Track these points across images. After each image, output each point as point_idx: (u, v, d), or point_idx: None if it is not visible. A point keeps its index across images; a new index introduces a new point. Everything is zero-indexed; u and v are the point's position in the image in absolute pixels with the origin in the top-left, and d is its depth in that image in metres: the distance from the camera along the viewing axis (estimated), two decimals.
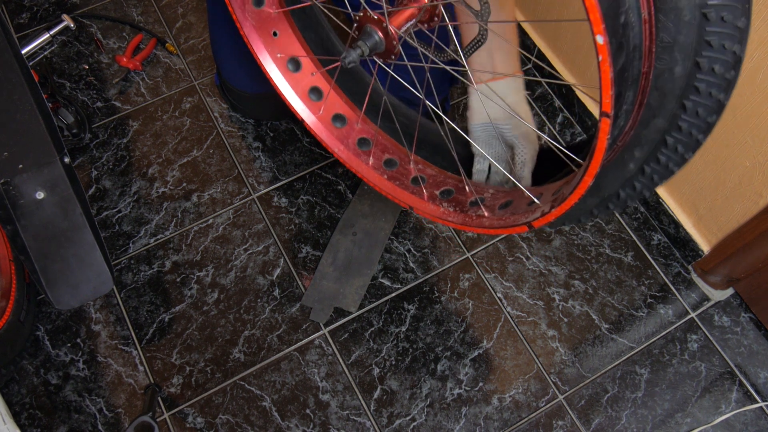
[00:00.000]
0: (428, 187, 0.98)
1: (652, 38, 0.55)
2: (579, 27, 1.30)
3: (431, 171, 1.00)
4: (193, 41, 1.58)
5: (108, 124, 1.46)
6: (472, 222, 0.91)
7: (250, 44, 0.98)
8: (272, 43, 0.99)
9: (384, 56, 0.75)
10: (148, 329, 1.24)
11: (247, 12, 0.96)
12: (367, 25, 0.73)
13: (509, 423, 1.16)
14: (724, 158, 1.09)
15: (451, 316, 1.25)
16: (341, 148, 1.03)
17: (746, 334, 1.23)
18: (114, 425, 1.17)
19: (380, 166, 1.02)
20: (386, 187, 1.01)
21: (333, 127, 1.03)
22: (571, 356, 1.22)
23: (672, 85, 0.57)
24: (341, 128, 1.03)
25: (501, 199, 0.90)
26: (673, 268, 1.30)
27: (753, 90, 0.95)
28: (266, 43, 0.99)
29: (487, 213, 0.90)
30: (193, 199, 1.37)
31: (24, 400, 1.18)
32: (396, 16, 0.72)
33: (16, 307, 1.13)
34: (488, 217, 0.89)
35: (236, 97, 1.40)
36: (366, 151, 1.02)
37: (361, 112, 1.01)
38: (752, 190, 1.06)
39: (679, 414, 1.16)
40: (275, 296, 1.27)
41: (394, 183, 1.00)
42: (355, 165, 1.02)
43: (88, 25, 1.60)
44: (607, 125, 0.55)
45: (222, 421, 1.17)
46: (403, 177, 1.01)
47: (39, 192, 0.92)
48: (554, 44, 1.43)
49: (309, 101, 1.02)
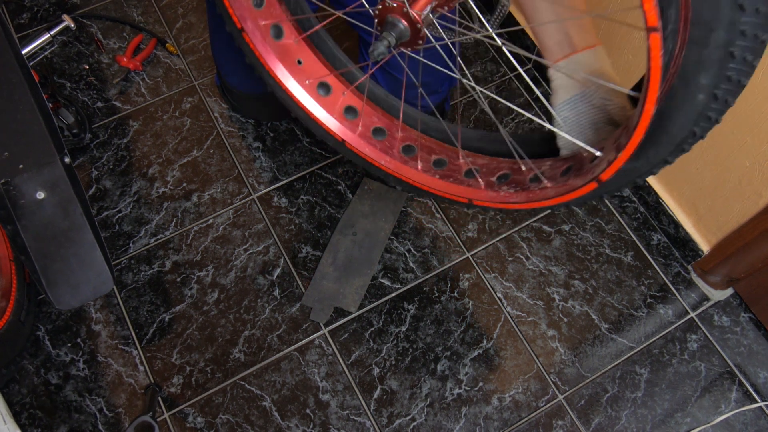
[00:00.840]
0: (483, 176, 0.96)
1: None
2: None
3: (482, 161, 0.98)
4: (193, 41, 1.58)
5: (108, 124, 1.46)
6: (537, 197, 0.88)
7: (277, 76, 0.98)
8: (299, 72, 0.99)
9: (411, 44, 0.73)
10: (148, 329, 1.25)
11: (269, 45, 0.96)
12: (388, 16, 0.71)
13: (509, 423, 1.16)
14: (724, 158, 1.09)
15: (451, 316, 1.25)
16: (387, 159, 1.02)
17: (746, 334, 1.23)
18: (114, 425, 1.17)
19: (430, 167, 1.00)
20: (441, 187, 0.99)
21: (374, 140, 1.02)
22: (571, 356, 1.22)
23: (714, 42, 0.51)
24: (383, 140, 1.02)
25: (560, 167, 0.86)
26: (672, 268, 1.30)
27: (753, 90, 0.95)
28: (293, 73, 0.99)
29: (550, 184, 0.86)
30: (193, 199, 1.38)
31: (24, 399, 1.18)
32: (415, 2, 0.70)
33: (17, 307, 1.13)
34: (552, 186, 0.85)
35: (236, 98, 1.40)
36: (412, 157, 1.01)
37: (398, 120, 1.00)
38: (752, 190, 1.06)
39: (679, 414, 1.16)
40: (275, 296, 1.28)
41: (448, 180, 0.99)
42: (405, 172, 1.01)
43: (88, 26, 1.60)
44: (658, 39, 0.51)
45: (222, 421, 1.17)
46: (456, 173, 0.99)
47: (39, 192, 0.92)
48: None
49: (346, 121, 1.02)
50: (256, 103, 1.39)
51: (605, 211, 1.36)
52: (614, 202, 1.37)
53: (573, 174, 0.84)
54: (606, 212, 1.36)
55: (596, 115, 0.83)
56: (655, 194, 1.30)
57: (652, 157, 0.68)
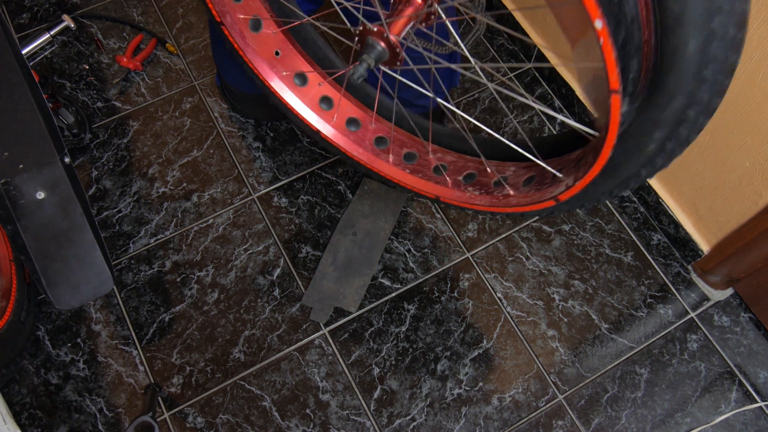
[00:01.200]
0: (450, 174, 0.98)
1: (648, 8, 0.54)
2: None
3: (451, 158, 0.99)
4: (193, 41, 1.58)
5: (108, 124, 1.46)
6: (500, 202, 0.91)
7: (256, 69, 0.99)
8: (276, 63, 1.00)
9: (389, 63, 0.76)
10: (148, 329, 1.25)
11: (248, 39, 0.97)
12: (368, 38, 0.73)
13: (509, 423, 1.16)
14: (724, 158, 1.09)
15: (451, 316, 1.25)
16: (360, 151, 1.03)
17: (746, 334, 1.23)
18: (114, 425, 1.17)
19: (401, 161, 1.02)
20: (410, 181, 1.01)
21: (348, 131, 1.03)
22: (571, 356, 1.22)
23: (688, 61, 0.56)
24: (356, 131, 1.03)
25: (523, 175, 0.90)
26: (672, 268, 1.30)
27: (753, 90, 0.95)
28: (270, 65, 0.99)
29: (513, 191, 0.89)
30: (193, 199, 1.38)
31: (24, 399, 1.18)
32: (394, 24, 0.72)
33: (17, 307, 1.13)
34: (514, 195, 0.89)
35: (236, 98, 1.40)
36: (384, 150, 1.03)
37: (373, 112, 1.01)
38: (752, 190, 1.06)
39: (679, 414, 1.16)
40: (275, 296, 1.28)
41: (417, 176, 1.00)
42: (377, 165, 1.03)
43: (88, 26, 1.60)
44: (618, 101, 0.57)
45: (222, 421, 1.17)
46: (425, 168, 1.01)
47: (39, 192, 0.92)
48: (556, 46, 1.43)
49: (321, 111, 1.03)
50: (256, 103, 1.39)
51: (605, 211, 1.36)
52: (614, 202, 1.37)
53: (535, 186, 0.88)
54: (606, 212, 1.36)
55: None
56: (655, 194, 1.30)
57: (602, 188, 0.76)
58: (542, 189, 0.86)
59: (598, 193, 0.78)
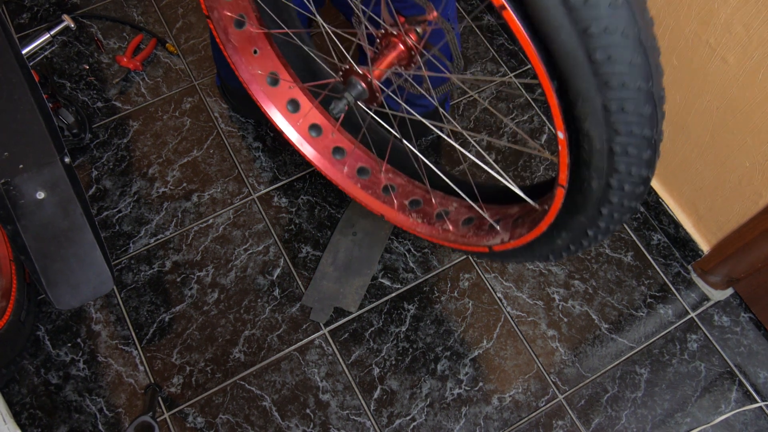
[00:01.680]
0: (398, 196, 1.02)
1: (565, 154, 0.62)
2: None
3: (400, 180, 1.03)
4: (193, 41, 1.58)
5: (108, 124, 1.46)
6: (439, 235, 0.96)
7: (233, 65, 1.02)
8: (252, 61, 1.03)
9: (368, 102, 0.81)
10: (148, 329, 1.25)
11: (230, 35, 1.00)
12: (351, 77, 0.78)
13: (509, 423, 1.16)
14: (724, 158, 1.09)
15: (451, 316, 1.25)
16: (317, 157, 1.06)
17: (746, 334, 1.23)
18: (114, 425, 1.17)
19: (354, 174, 1.05)
20: (360, 196, 1.04)
21: (309, 136, 1.07)
22: (571, 356, 1.22)
23: (590, 193, 0.64)
24: (317, 138, 1.06)
25: (464, 214, 0.94)
26: (672, 268, 1.30)
27: (753, 90, 0.95)
28: (247, 61, 1.03)
29: (452, 227, 0.94)
30: (193, 199, 1.38)
31: (24, 399, 1.18)
32: (378, 67, 0.77)
33: (17, 307, 1.13)
34: (453, 231, 0.94)
35: (237, 98, 1.40)
36: (341, 160, 1.06)
37: (336, 123, 1.04)
38: (752, 190, 1.06)
39: (679, 414, 1.16)
40: (275, 296, 1.28)
41: (367, 192, 1.04)
42: (331, 173, 1.06)
43: (88, 26, 1.60)
44: (562, 194, 0.67)
45: (222, 421, 1.17)
46: (375, 186, 1.04)
47: (39, 192, 0.92)
48: None
49: (287, 113, 1.06)
50: (256, 103, 1.39)
51: None
52: None
53: (473, 229, 0.92)
54: None
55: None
56: (655, 194, 1.30)
57: (532, 253, 0.83)
58: (479, 234, 0.90)
59: (531, 256, 0.84)
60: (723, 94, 1.02)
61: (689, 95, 1.09)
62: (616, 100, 0.53)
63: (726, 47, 0.96)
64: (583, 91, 0.53)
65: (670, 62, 1.09)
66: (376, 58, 0.77)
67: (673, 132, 1.17)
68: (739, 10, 0.91)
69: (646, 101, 0.53)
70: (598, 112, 0.54)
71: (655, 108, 0.55)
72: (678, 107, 1.13)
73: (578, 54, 0.50)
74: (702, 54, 1.02)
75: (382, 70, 0.76)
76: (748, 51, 0.93)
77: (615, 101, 0.53)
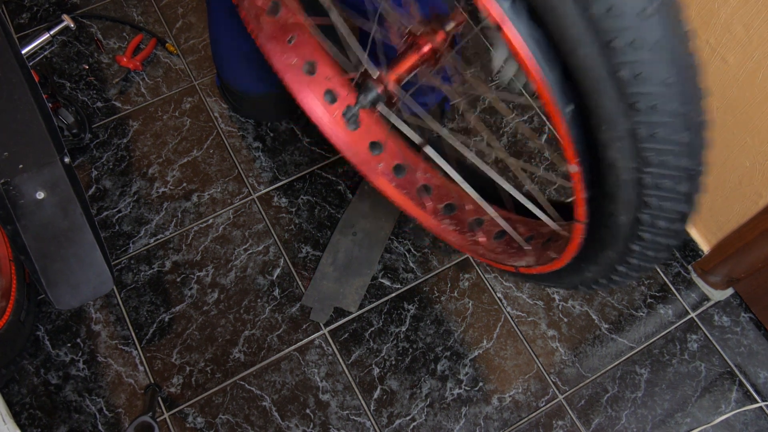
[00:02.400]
0: (433, 199, 0.96)
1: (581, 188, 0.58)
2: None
3: (437, 182, 0.97)
4: (193, 41, 1.58)
5: (108, 124, 1.46)
6: (467, 245, 0.92)
7: (267, 54, 0.97)
8: (287, 50, 0.98)
9: (386, 104, 0.78)
10: (148, 329, 1.25)
11: (263, 23, 0.95)
12: (368, 82, 0.75)
13: (509, 423, 1.16)
14: (724, 158, 1.09)
15: (451, 316, 1.25)
16: (354, 153, 1.01)
17: (746, 334, 1.23)
18: (114, 425, 1.17)
19: (390, 171, 1.00)
20: (394, 195, 0.99)
21: (348, 128, 1.02)
22: (571, 356, 1.22)
23: (617, 228, 0.59)
24: (354, 131, 1.02)
25: (495, 229, 0.90)
26: (673, 268, 1.30)
27: (753, 90, 0.95)
28: (282, 50, 0.98)
29: (484, 238, 0.89)
30: (193, 199, 1.38)
31: (24, 400, 1.18)
32: (395, 72, 0.73)
33: (17, 307, 1.13)
34: (484, 244, 0.90)
35: (236, 98, 1.40)
36: (377, 156, 1.01)
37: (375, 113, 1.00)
38: (752, 190, 1.06)
39: (679, 414, 1.16)
40: (275, 296, 1.28)
41: (402, 191, 0.99)
42: (365, 169, 1.01)
43: (88, 25, 1.60)
44: (580, 229, 0.63)
45: (222, 421, 1.17)
46: (411, 186, 0.99)
47: (39, 192, 0.92)
48: None
49: (325, 103, 1.02)
50: (256, 103, 1.39)
51: None
52: None
53: (504, 244, 0.88)
54: None
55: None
56: None
57: (560, 281, 0.80)
58: (509, 251, 0.86)
59: (559, 283, 0.81)
60: (723, 94, 1.02)
61: None
62: (646, 125, 0.46)
63: (726, 47, 0.96)
64: (607, 114, 0.46)
65: None
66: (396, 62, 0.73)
67: None
68: (739, 10, 0.91)
69: (683, 127, 0.47)
70: (625, 139, 0.48)
71: (696, 135, 0.49)
72: None
73: (601, 71, 0.44)
74: (702, 54, 1.02)
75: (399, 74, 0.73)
76: (748, 51, 0.93)
77: (645, 126, 0.46)
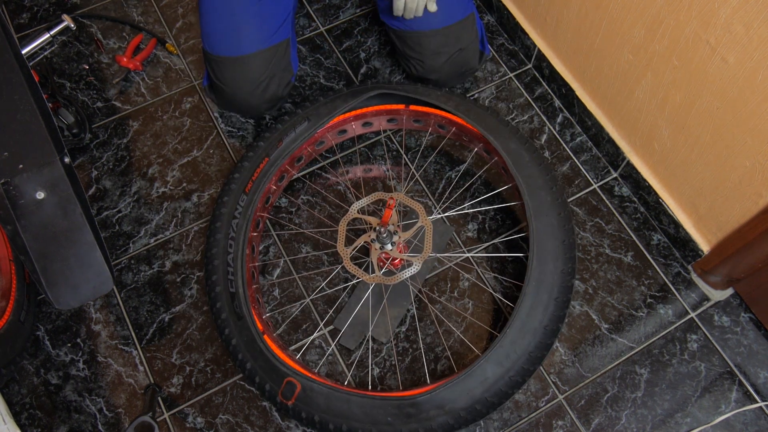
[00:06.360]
0: None
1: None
2: (578, 27, 1.30)
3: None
4: (193, 41, 1.58)
5: (108, 124, 1.46)
6: None
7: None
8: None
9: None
10: (148, 329, 1.25)
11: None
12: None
13: (509, 423, 1.16)
14: (724, 158, 1.09)
15: (451, 316, 1.25)
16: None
17: (746, 334, 1.23)
18: (114, 425, 1.17)
19: None
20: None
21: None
22: (571, 356, 1.22)
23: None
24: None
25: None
26: (673, 268, 1.30)
27: (753, 90, 0.95)
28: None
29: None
30: (193, 199, 1.38)
31: (24, 400, 1.18)
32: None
33: (17, 307, 1.13)
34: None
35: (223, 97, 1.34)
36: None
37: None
38: (752, 190, 1.06)
39: (679, 414, 1.16)
40: (275, 296, 1.28)
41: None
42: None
43: (88, 25, 1.60)
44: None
45: (222, 421, 1.17)
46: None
47: (39, 192, 0.92)
48: (554, 44, 1.43)
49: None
50: (236, 70, 1.29)
51: (605, 211, 1.36)
52: (614, 202, 1.37)
53: None
54: (606, 212, 1.36)
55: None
56: (655, 194, 1.30)
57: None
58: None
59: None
60: (723, 94, 1.02)
61: (689, 95, 1.09)
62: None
63: (726, 47, 0.96)
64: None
65: (670, 62, 1.09)
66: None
67: (673, 132, 1.17)
68: (739, 10, 0.91)
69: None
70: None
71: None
72: (678, 107, 1.13)
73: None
74: (702, 54, 1.02)
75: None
76: (748, 51, 0.93)
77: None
